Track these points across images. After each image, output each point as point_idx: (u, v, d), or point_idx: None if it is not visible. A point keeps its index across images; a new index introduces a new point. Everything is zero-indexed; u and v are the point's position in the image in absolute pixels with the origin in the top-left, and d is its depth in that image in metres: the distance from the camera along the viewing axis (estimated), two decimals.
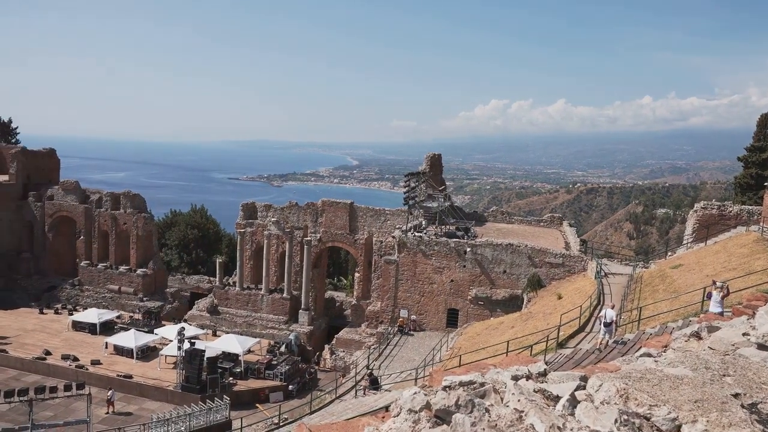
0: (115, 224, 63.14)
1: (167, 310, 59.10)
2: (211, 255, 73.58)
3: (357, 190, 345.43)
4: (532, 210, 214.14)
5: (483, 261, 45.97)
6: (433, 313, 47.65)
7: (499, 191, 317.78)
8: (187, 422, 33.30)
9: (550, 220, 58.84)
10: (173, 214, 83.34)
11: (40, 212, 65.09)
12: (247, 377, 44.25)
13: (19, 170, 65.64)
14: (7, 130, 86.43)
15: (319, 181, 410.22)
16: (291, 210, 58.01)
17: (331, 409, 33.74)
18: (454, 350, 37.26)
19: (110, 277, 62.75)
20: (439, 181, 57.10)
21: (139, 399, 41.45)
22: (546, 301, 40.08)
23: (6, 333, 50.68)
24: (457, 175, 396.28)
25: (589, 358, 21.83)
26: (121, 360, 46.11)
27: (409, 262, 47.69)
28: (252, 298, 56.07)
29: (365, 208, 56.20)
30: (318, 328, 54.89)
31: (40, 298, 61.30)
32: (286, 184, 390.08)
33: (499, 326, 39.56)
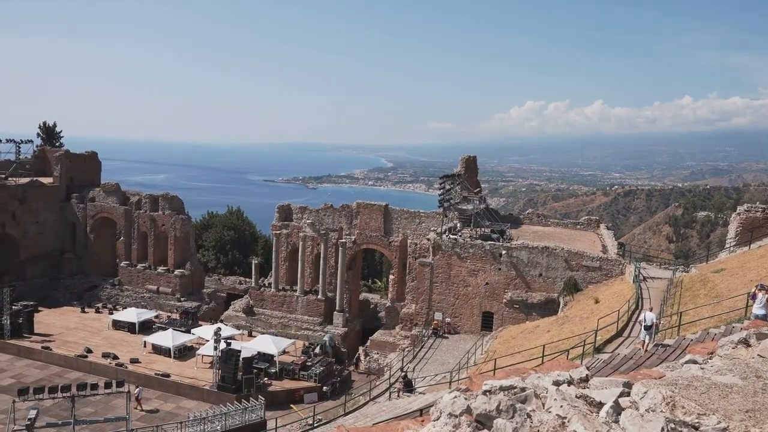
0: (154, 225, 64.27)
1: (204, 311, 59.90)
2: (247, 256, 74.36)
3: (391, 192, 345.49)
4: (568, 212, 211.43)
5: (518, 264, 45.52)
6: (468, 316, 47.34)
7: (535, 193, 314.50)
8: (222, 421, 33.66)
9: (587, 223, 58.01)
10: (210, 216, 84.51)
11: (82, 213, 66.63)
12: (281, 378, 44.54)
13: (63, 173, 67.33)
14: (52, 133, 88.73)
15: (353, 183, 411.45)
16: (326, 212, 58.29)
17: (365, 411, 33.76)
18: (489, 354, 36.95)
19: (149, 278, 63.88)
20: (474, 184, 56.79)
21: (176, 398, 42.04)
22: (583, 305, 39.48)
23: (50, 331, 52.00)
24: (492, 177, 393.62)
25: (627, 363, 21.41)
26: (159, 359, 46.85)
27: (443, 264, 47.48)
28: (287, 299, 56.48)
29: (400, 210, 56.17)
30: (352, 329, 55.04)
31: (82, 297, 62.73)
32: (321, 186, 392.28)
33: (535, 330, 39.09)
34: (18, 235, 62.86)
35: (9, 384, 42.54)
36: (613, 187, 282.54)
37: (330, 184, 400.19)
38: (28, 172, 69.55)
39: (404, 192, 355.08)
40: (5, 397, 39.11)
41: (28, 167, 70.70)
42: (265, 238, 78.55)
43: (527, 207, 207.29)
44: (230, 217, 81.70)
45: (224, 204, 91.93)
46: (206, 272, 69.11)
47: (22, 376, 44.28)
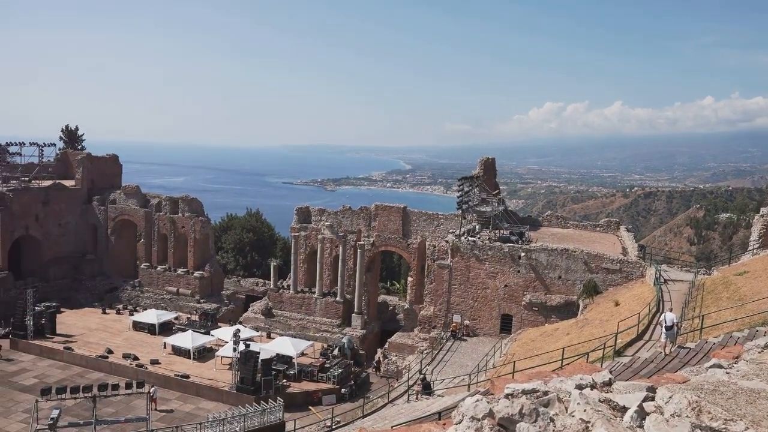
0: (174, 228, 64.80)
1: (223, 312, 60.25)
2: (265, 258, 74.71)
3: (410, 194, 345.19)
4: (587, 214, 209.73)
5: (537, 266, 45.25)
6: (487, 319, 47.14)
7: (554, 195, 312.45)
8: (241, 422, 33.81)
9: (607, 225, 57.52)
10: (229, 218, 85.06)
11: (104, 216, 67.36)
12: (300, 379, 44.67)
13: (85, 175, 68.15)
14: (74, 136, 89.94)
15: (372, 185, 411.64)
16: (344, 214, 58.37)
17: (384, 413, 33.74)
18: (507, 356, 36.77)
19: (169, 279, 64.41)
20: (493, 185, 56.55)
21: (196, 398, 42.34)
22: (603, 308, 39.14)
23: (72, 331, 52.64)
24: (511, 179, 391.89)
25: (648, 367, 21.19)
26: (178, 360, 47.21)
27: (462, 266, 47.33)
28: (306, 301, 56.64)
29: (418, 212, 56.09)
30: (371, 331, 55.05)
31: (103, 299, 63.40)
32: (339, 188, 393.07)
33: (554, 333, 38.83)
34: (41, 237, 63.72)
35: (32, 384, 43.15)
36: (633, 189, 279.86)
37: (348, 186, 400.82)
38: (51, 175, 70.52)
39: (422, 194, 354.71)
40: (28, 397, 39.69)
41: (51, 170, 71.70)
42: (283, 240, 78.87)
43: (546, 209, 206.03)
44: (249, 220, 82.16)
45: (243, 206, 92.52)
46: (225, 274, 69.54)
47: (44, 376, 44.88)
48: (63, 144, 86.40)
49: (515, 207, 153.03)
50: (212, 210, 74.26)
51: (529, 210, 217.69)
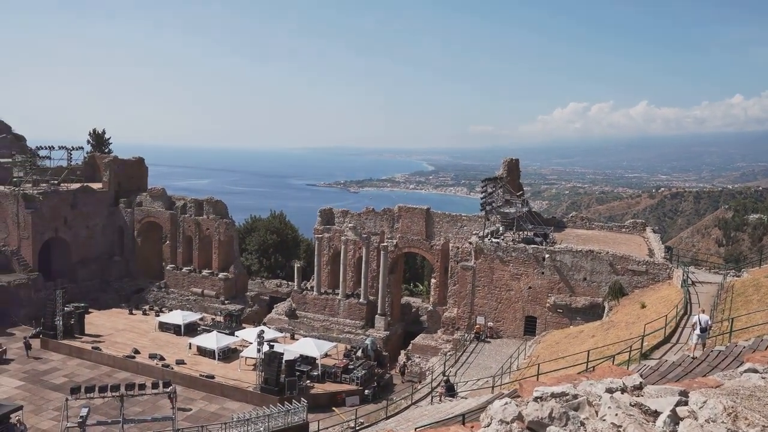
0: (199, 229, 65.43)
1: (247, 313, 60.67)
2: (289, 260, 75.06)
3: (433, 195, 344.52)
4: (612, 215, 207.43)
5: (562, 268, 44.86)
6: (511, 321, 46.84)
7: (578, 196, 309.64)
8: (266, 423, 34.00)
9: (633, 226, 56.81)
10: (253, 220, 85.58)
11: (130, 218, 68.26)
12: (324, 380, 44.80)
13: (112, 178, 69.15)
14: (101, 140, 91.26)
15: (395, 186, 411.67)
16: (368, 216, 58.45)
17: (407, 415, 33.68)
18: (532, 359, 36.48)
19: (194, 281, 65.03)
20: (517, 187, 56.20)
21: (220, 399, 42.68)
22: (628, 310, 38.65)
23: (100, 332, 53.41)
24: (535, 180, 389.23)
25: (675, 370, 20.88)
26: (203, 360, 47.63)
27: (486, 268, 47.10)
28: (329, 302, 56.81)
29: (442, 213, 55.94)
30: (394, 333, 55.03)
31: (130, 300, 64.26)
32: (362, 190, 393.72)
33: (579, 335, 38.44)
34: (70, 239, 64.76)
35: (62, 382, 43.90)
36: (659, 190, 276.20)
37: (371, 188, 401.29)
38: (79, 178, 71.66)
39: (446, 195, 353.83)
40: (59, 395, 40.37)
41: (79, 173, 72.84)
42: (307, 241, 79.18)
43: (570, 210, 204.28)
44: (273, 221, 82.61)
45: (267, 208, 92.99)
46: (249, 275, 70.02)
47: (73, 375, 45.61)
48: (90, 147, 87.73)
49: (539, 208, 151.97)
50: (236, 212, 74.82)
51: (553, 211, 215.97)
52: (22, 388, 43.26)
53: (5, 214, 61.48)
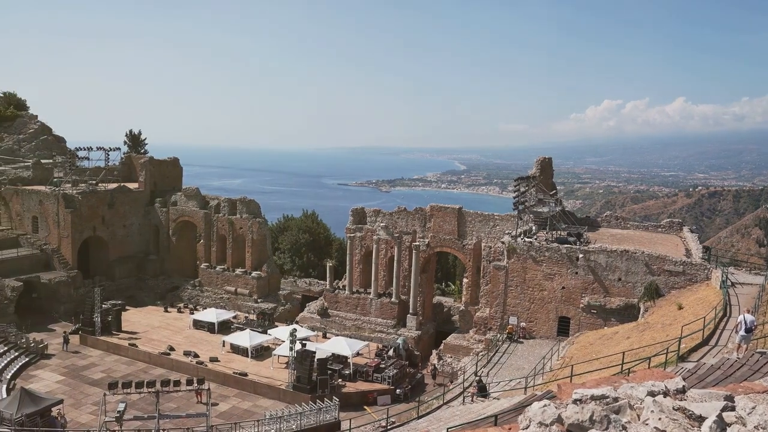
0: (232, 229, 66.13)
1: (280, 312, 61.15)
2: (321, 259, 75.44)
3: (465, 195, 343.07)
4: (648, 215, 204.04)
5: (596, 268, 44.25)
6: (544, 321, 46.39)
7: (613, 195, 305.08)
8: (298, 421, 34.24)
9: (669, 226, 55.78)
10: (286, 219, 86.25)
11: (165, 217, 69.32)
12: (355, 379, 44.94)
13: (147, 178, 70.31)
14: (137, 141, 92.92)
15: (426, 186, 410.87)
16: (399, 215, 58.42)
17: (439, 415, 33.58)
18: (565, 360, 36.07)
19: (227, 279, 65.77)
20: (550, 186, 55.61)
21: (253, 396, 43.14)
22: (665, 311, 37.96)
23: (136, 329, 54.40)
24: (568, 179, 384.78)
25: (715, 374, 20.39)
26: (237, 358, 48.17)
27: (518, 268, 46.72)
28: (361, 301, 56.94)
29: (474, 213, 55.64)
30: (426, 332, 54.93)
31: (165, 297, 65.28)
32: (394, 189, 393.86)
33: (614, 336, 37.88)
34: (107, 238, 66.05)
35: (100, 378, 44.87)
36: (696, 188, 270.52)
37: (403, 188, 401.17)
38: (116, 178, 73.08)
39: (478, 195, 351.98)
40: (97, 390, 41.27)
41: (116, 173, 74.30)
42: (339, 241, 79.49)
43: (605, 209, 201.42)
44: (305, 221, 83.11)
45: (299, 207, 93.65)
46: (282, 274, 70.53)
47: (111, 371, 46.57)
48: (127, 148, 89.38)
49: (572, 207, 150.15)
50: (269, 211, 75.48)
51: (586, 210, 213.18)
52: (62, 382, 44.36)
53: (46, 213, 62.99)
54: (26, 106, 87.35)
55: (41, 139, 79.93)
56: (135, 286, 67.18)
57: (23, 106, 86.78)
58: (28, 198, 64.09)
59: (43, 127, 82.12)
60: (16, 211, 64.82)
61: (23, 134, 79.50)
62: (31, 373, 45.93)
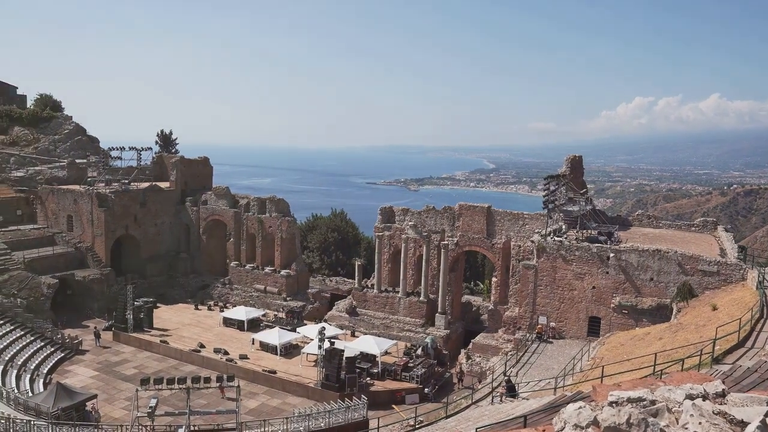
0: (262, 227, 66.65)
1: (308, 310, 61.45)
2: (350, 258, 75.63)
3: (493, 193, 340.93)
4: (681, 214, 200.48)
5: (627, 267, 43.63)
6: (574, 321, 45.89)
7: (644, 194, 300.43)
8: (326, 419, 34.31)
9: (703, 225, 54.74)
10: (314, 218, 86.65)
11: (196, 216, 70.15)
12: (384, 378, 44.97)
13: (178, 177, 71.24)
14: (168, 140, 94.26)
15: (455, 184, 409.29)
16: (428, 214, 58.29)
17: (467, 415, 33.42)
18: (596, 360, 35.63)
19: (257, 277, 66.32)
20: (580, 184, 55.00)
21: (282, 393, 43.44)
22: (698, 312, 37.25)
23: (167, 326, 55.15)
24: (599, 177, 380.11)
25: (751, 377, 19.97)
26: (266, 356, 48.54)
27: (548, 267, 46.29)
28: (389, 300, 56.96)
29: (503, 212, 55.26)
30: (454, 332, 54.74)
31: (195, 295, 66.07)
32: (422, 188, 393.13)
33: (645, 337, 37.30)
34: (139, 237, 67.09)
35: (132, 374, 45.63)
36: (731, 187, 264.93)
37: (431, 186, 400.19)
38: (148, 177, 74.20)
39: (506, 193, 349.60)
40: (129, 386, 41.94)
41: (148, 173, 75.45)
42: (367, 239, 79.63)
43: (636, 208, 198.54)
44: (334, 219, 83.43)
45: (328, 206, 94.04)
46: (311, 273, 70.89)
47: (143, 367, 47.30)
48: (158, 148, 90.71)
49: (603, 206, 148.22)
50: (298, 210, 75.87)
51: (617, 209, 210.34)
52: (96, 378, 45.21)
53: (80, 212, 64.20)
54: (61, 107, 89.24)
55: (76, 140, 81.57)
56: (166, 284, 68.09)
57: (59, 107, 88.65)
58: (63, 197, 65.40)
59: (77, 127, 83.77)
60: (52, 210, 66.20)
61: (58, 135, 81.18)
62: (67, 369, 46.90)
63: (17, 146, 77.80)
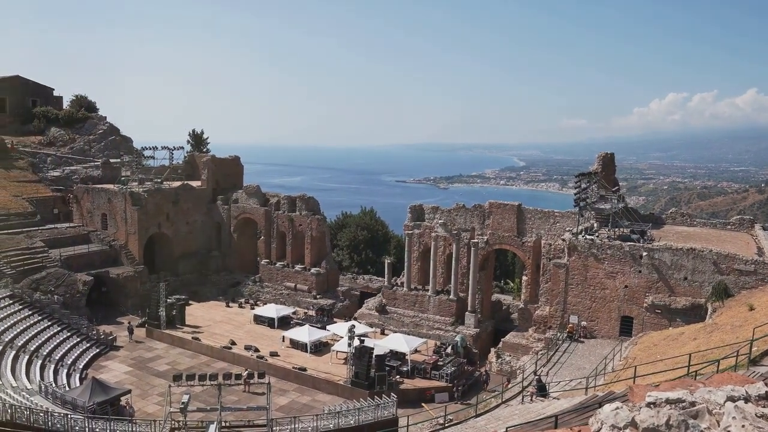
0: (292, 225, 67.09)
1: (338, 308, 61.69)
2: (379, 256, 75.71)
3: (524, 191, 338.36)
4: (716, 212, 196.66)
5: (661, 266, 42.92)
6: (605, 320, 45.32)
7: (678, 192, 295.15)
8: (356, 416, 34.41)
9: (739, 223, 53.57)
10: (344, 216, 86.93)
11: (227, 214, 70.90)
12: (413, 376, 44.93)
13: (210, 176, 72.06)
14: (200, 140, 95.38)
15: (485, 182, 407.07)
16: (458, 212, 58.06)
17: (497, 414, 33.24)
18: (628, 360, 35.14)
19: (287, 275, 66.78)
20: (612, 182, 54.24)
21: (312, 391, 43.69)
22: (734, 312, 36.49)
23: (199, 323, 55.87)
24: (631, 174, 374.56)
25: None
26: (296, 353, 48.87)
27: (579, 266, 45.78)
28: (419, 298, 56.91)
29: (533, 210, 54.79)
30: (484, 330, 54.48)
31: (227, 293, 66.79)
32: (452, 186, 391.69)
33: (679, 337, 36.67)
34: (171, 234, 68.04)
35: (165, 370, 46.33)
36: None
37: (461, 184, 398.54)
38: (180, 176, 75.22)
39: (537, 191, 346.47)
40: (162, 382, 42.59)
41: (180, 171, 76.48)
42: (397, 237, 79.63)
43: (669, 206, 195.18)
44: (363, 218, 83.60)
45: (358, 204, 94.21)
46: (340, 271, 71.16)
47: (175, 363, 47.99)
48: (190, 147, 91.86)
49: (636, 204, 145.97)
50: (328, 208, 76.20)
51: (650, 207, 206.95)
52: (130, 373, 46.01)
53: (115, 210, 65.35)
54: (96, 107, 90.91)
55: (110, 140, 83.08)
56: (198, 281, 68.94)
57: (93, 107, 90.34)
58: (98, 196, 66.65)
59: (111, 128, 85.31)
60: (87, 208, 67.49)
61: (93, 135, 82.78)
62: (102, 364, 47.82)
63: (54, 146, 79.54)
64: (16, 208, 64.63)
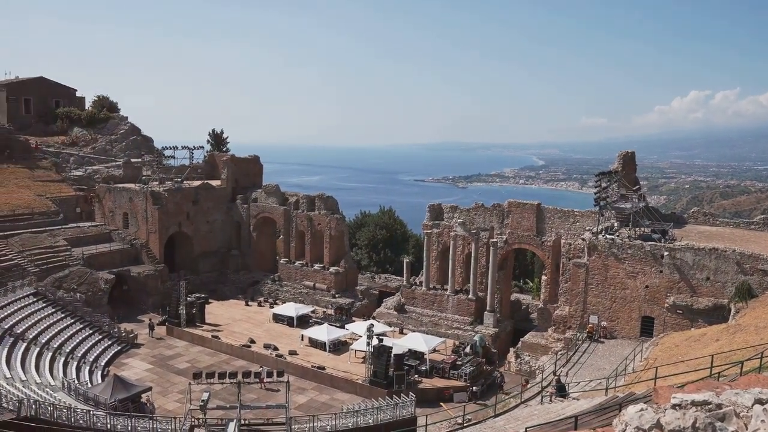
0: (311, 225, 67.30)
1: (357, 307, 61.76)
2: (398, 255, 75.68)
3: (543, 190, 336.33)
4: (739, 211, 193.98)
5: (682, 266, 42.43)
6: (626, 321, 44.91)
7: (700, 191, 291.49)
8: (374, 415, 34.44)
9: (763, 223, 52.73)
10: (363, 215, 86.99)
11: (246, 213, 71.32)
12: (431, 376, 44.86)
13: (229, 176, 72.54)
14: (220, 139, 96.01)
15: (504, 181, 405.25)
16: (477, 211, 57.84)
17: (516, 414, 33.10)
18: (649, 361, 34.79)
19: (306, 274, 67.01)
20: (633, 181, 53.72)
21: (331, 389, 43.81)
22: (759, 313, 35.97)
23: (218, 321, 56.26)
24: (652, 173, 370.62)
25: None
26: (315, 352, 49.02)
27: (599, 265, 45.41)
28: (438, 298, 56.82)
29: (553, 209, 54.42)
30: (503, 330, 54.25)
31: (246, 291, 67.19)
32: (470, 185, 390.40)
33: (701, 338, 36.21)
34: (191, 233, 68.60)
35: (185, 368, 46.73)
36: None
37: (480, 183, 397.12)
38: (200, 175, 75.78)
39: (556, 191, 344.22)
40: (182, 379, 42.98)
41: (200, 171, 77.05)
42: (416, 237, 79.52)
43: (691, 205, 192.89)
44: (382, 217, 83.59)
45: (376, 204, 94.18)
46: (359, 270, 71.24)
47: (195, 361, 48.38)
48: (210, 147, 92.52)
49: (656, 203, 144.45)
50: (347, 207, 76.31)
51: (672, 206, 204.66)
52: (150, 371, 46.47)
53: (136, 210, 66.03)
54: (117, 108, 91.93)
55: (131, 140, 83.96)
56: (217, 280, 69.45)
57: (115, 108, 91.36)
58: (119, 195, 67.39)
59: (132, 128, 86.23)
60: (109, 207, 68.26)
61: (115, 135, 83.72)
62: (123, 361, 48.35)
63: (76, 146, 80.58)
64: (40, 208, 65.57)
